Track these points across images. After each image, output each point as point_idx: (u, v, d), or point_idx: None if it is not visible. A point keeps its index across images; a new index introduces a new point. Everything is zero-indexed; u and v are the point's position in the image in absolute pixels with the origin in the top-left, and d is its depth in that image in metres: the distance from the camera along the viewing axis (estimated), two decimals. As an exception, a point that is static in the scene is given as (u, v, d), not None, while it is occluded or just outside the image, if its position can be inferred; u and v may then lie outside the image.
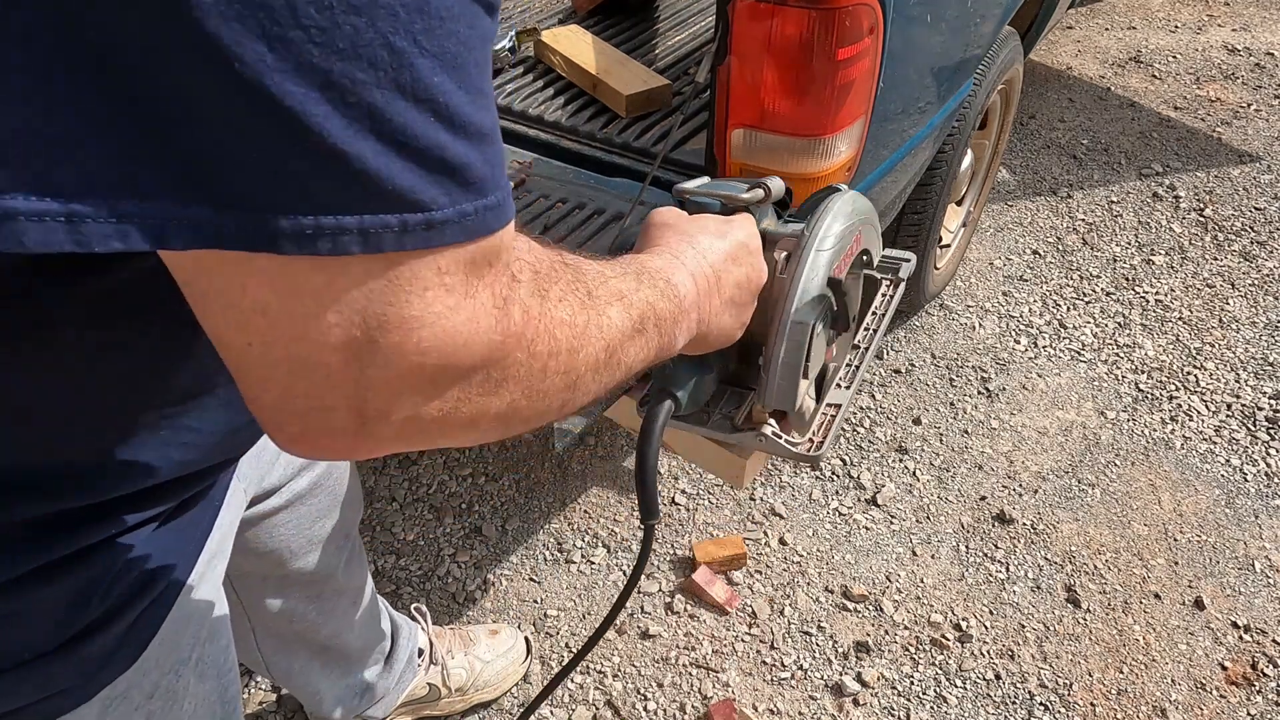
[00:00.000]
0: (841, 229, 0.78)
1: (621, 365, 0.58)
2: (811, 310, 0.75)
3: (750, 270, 0.73)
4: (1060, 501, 2.05)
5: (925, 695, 1.71)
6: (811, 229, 0.78)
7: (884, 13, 1.39)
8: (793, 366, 0.76)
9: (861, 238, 0.83)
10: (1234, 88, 3.53)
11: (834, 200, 0.81)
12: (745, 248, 0.73)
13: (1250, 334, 2.47)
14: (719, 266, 0.69)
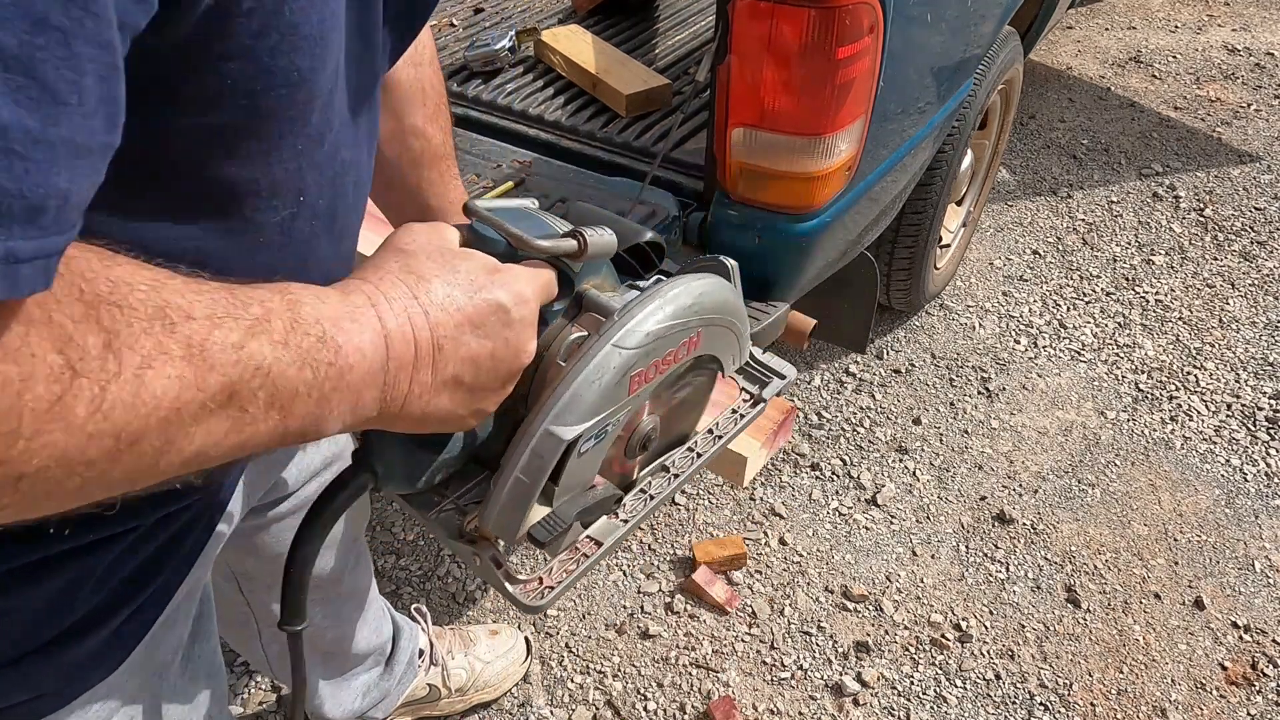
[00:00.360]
0: (662, 324, 0.60)
1: (175, 453, 0.41)
2: (578, 421, 0.58)
3: (501, 346, 0.55)
4: (1060, 501, 2.05)
5: (925, 695, 1.71)
6: (620, 314, 0.60)
7: (884, 12, 1.38)
8: (527, 488, 0.60)
9: (700, 340, 0.65)
10: (1234, 88, 3.53)
11: (680, 283, 0.63)
12: (502, 314, 0.55)
13: (1250, 334, 2.47)
14: (448, 331, 0.52)
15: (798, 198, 1.52)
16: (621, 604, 1.85)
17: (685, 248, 1.62)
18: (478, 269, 0.55)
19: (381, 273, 0.53)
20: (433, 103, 0.91)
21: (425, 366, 0.52)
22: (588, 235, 0.60)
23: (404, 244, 0.55)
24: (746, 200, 1.54)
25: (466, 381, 0.54)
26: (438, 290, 0.53)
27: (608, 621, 1.82)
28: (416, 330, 0.51)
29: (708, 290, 0.64)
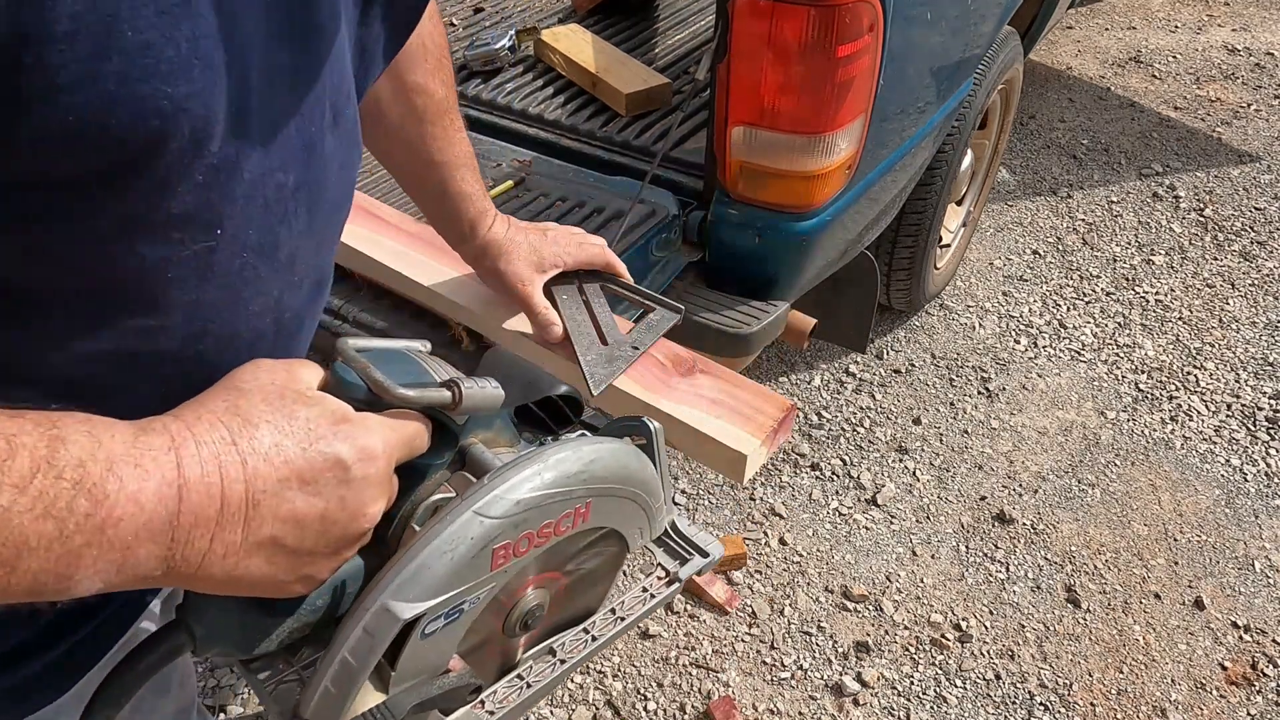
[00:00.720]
0: (537, 493, 0.53)
1: None
2: (422, 598, 0.50)
3: (335, 507, 0.48)
4: (1060, 501, 2.05)
5: (925, 695, 1.71)
6: (491, 477, 0.53)
7: (884, 11, 1.38)
8: (353, 671, 0.51)
9: (589, 512, 0.57)
10: (1234, 88, 3.53)
11: (568, 448, 0.56)
12: (340, 470, 0.48)
13: (1250, 334, 2.47)
14: (269, 486, 0.46)
15: (797, 197, 1.52)
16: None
17: (685, 246, 1.62)
18: (320, 417, 0.49)
19: (201, 411, 0.47)
20: (434, 58, 0.89)
21: (234, 524, 0.45)
22: (464, 387, 0.54)
23: (241, 381, 0.50)
24: (746, 199, 1.54)
25: (289, 544, 0.47)
26: (265, 437, 0.46)
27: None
28: (227, 482, 0.45)
29: (602, 458, 0.57)
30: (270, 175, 0.51)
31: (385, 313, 1.40)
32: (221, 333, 0.54)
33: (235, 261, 0.52)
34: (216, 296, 0.52)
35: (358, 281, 1.44)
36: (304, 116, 0.53)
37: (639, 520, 0.63)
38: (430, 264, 1.32)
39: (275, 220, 0.53)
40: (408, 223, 1.41)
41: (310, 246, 0.58)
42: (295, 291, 0.58)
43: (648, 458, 0.64)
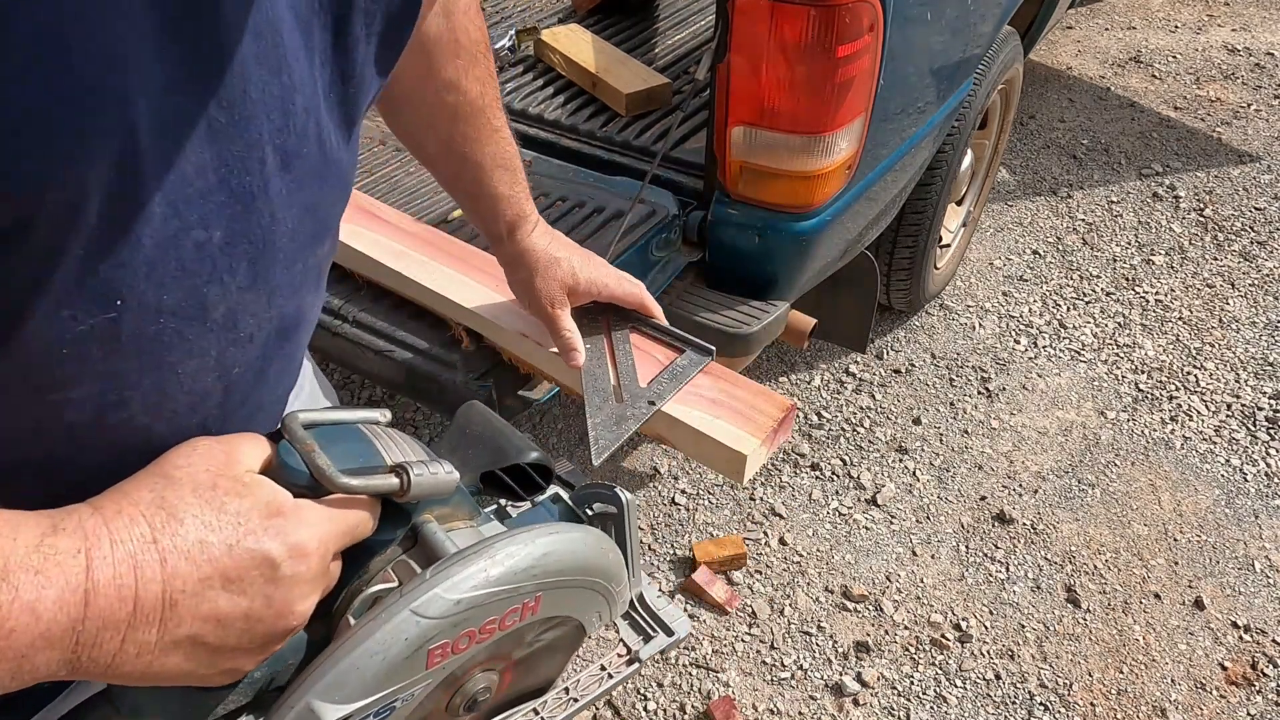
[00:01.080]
0: (481, 592, 0.50)
1: None
2: (349, 699, 0.48)
3: (260, 606, 0.46)
4: (1060, 501, 2.05)
5: (925, 695, 1.71)
6: (432, 572, 0.50)
7: (884, 11, 1.38)
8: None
9: (539, 605, 0.54)
10: (1234, 88, 3.53)
11: (519, 541, 0.52)
12: (268, 569, 0.46)
13: (1250, 334, 2.47)
14: (189, 586, 0.44)
15: (797, 196, 1.52)
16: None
17: (685, 246, 1.62)
18: (253, 509, 0.47)
19: (124, 504, 0.44)
20: (467, 54, 0.84)
21: (148, 625, 0.43)
22: (413, 474, 0.51)
23: (173, 467, 0.47)
24: (746, 199, 1.54)
25: (209, 642, 0.45)
26: (189, 534, 0.44)
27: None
28: (142, 584, 0.42)
29: (557, 550, 0.53)
30: (184, 235, 0.46)
31: (385, 313, 1.40)
32: (147, 400, 0.50)
33: (150, 329, 0.47)
34: (132, 365, 0.48)
35: (358, 281, 1.44)
36: (229, 167, 0.47)
37: (597, 606, 0.60)
38: (430, 264, 1.32)
39: (200, 281, 0.48)
40: (407, 222, 1.41)
41: (258, 300, 0.53)
42: (242, 347, 0.54)
43: (613, 535, 0.61)
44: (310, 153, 0.53)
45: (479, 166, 0.92)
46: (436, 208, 1.67)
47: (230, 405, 0.55)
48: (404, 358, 1.35)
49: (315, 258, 0.58)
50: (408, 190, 1.72)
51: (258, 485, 0.48)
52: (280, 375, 0.60)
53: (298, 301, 0.57)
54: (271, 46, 0.47)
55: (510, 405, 1.35)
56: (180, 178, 0.45)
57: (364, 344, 1.38)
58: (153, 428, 0.51)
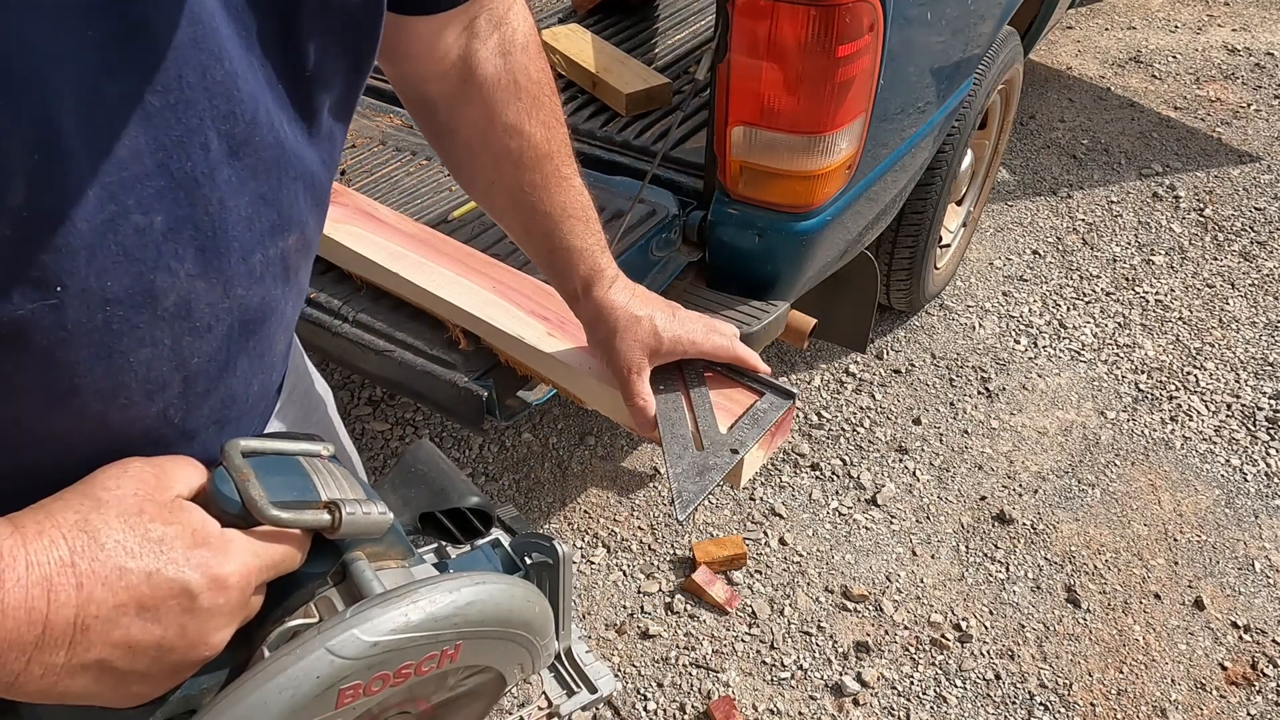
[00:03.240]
0: (398, 637, 0.49)
1: None
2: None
3: (174, 635, 0.46)
4: (1060, 501, 2.05)
5: (925, 695, 1.71)
6: (352, 612, 0.49)
7: (884, 11, 1.38)
8: None
9: (459, 653, 0.53)
10: (1234, 88, 3.53)
11: (443, 588, 0.51)
12: (185, 599, 0.46)
13: (1250, 334, 2.47)
14: (103, 611, 0.44)
15: (797, 196, 1.52)
16: (621, 604, 1.85)
17: (685, 246, 1.62)
18: (177, 537, 0.46)
19: (46, 524, 0.44)
20: (529, 96, 0.80)
21: (56, 648, 0.43)
22: (345, 512, 0.51)
23: (101, 488, 0.47)
24: (746, 199, 1.54)
25: (118, 668, 0.45)
26: (109, 559, 0.44)
27: (608, 621, 1.82)
28: (54, 607, 0.42)
29: (481, 600, 0.52)
30: (123, 219, 0.46)
31: (385, 313, 1.40)
32: (100, 387, 0.49)
33: (96, 316, 0.47)
34: (81, 355, 0.47)
35: (357, 282, 1.44)
36: (167, 152, 0.47)
37: (519, 658, 0.59)
38: (427, 265, 1.31)
39: (145, 267, 0.48)
40: (405, 223, 1.41)
41: (212, 289, 0.52)
42: (200, 337, 0.53)
43: (548, 586, 0.60)
44: (263, 142, 0.52)
45: (548, 217, 0.86)
46: (436, 208, 1.67)
47: (193, 396, 0.55)
48: (404, 358, 1.35)
49: (278, 249, 0.57)
50: (407, 190, 1.72)
51: (185, 512, 0.48)
52: (251, 368, 0.60)
53: (261, 293, 0.56)
54: (210, 30, 0.46)
55: (510, 405, 1.35)
56: (114, 161, 0.44)
57: (364, 344, 1.38)
58: (108, 415, 0.51)
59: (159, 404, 0.53)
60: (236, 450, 0.51)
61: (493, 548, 0.66)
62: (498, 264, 1.32)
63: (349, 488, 0.55)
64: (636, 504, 2.04)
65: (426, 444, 0.66)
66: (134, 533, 0.45)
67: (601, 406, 1.11)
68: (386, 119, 1.92)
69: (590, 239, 0.90)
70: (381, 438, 2.18)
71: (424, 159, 1.81)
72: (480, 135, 0.80)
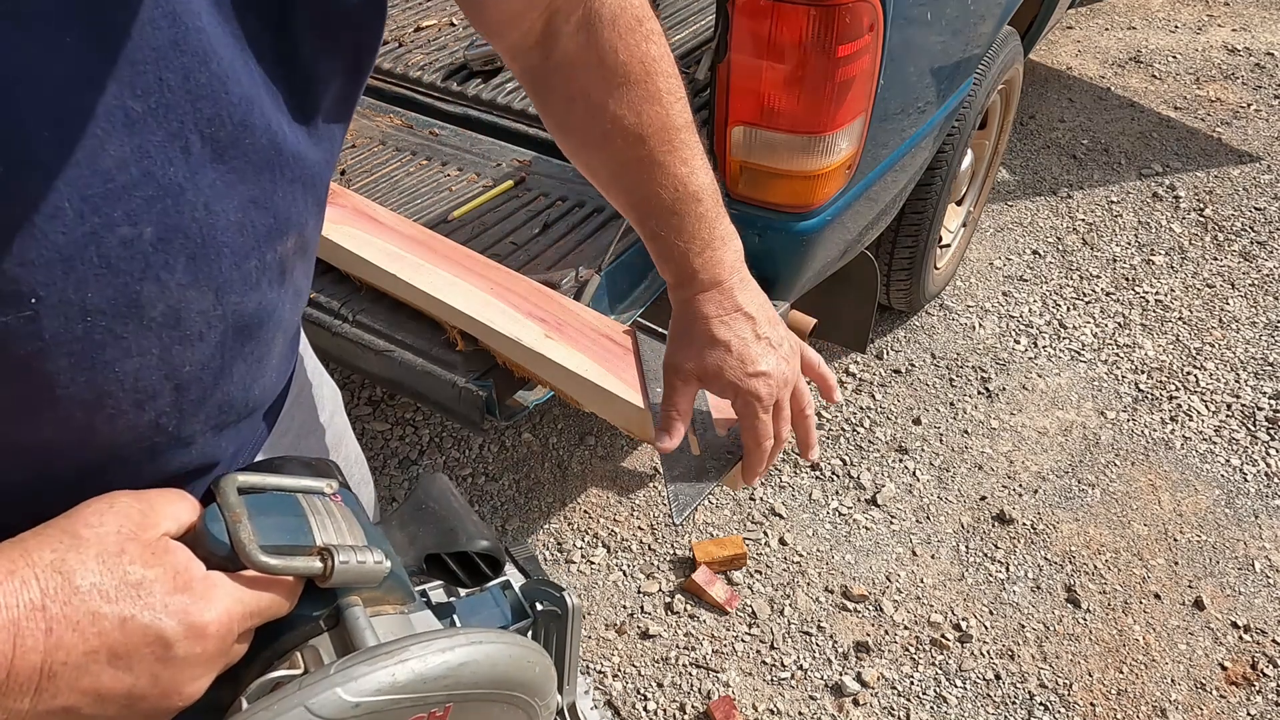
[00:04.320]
0: (382, 698, 0.46)
1: None
2: None
3: (147, 684, 0.44)
4: (1060, 501, 2.05)
5: (925, 695, 1.71)
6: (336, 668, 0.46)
7: (884, 10, 1.38)
8: None
9: (448, 715, 0.50)
10: (1234, 88, 3.53)
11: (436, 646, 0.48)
12: (160, 647, 0.44)
13: (1250, 334, 2.47)
14: (72, 658, 0.42)
15: (797, 196, 1.52)
16: (621, 604, 1.85)
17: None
18: (157, 580, 0.44)
19: (20, 564, 0.42)
20: (616, 76, 0.75)
21: (21, 694, 0.41)
22: (338, 560, 0.49)
23: (83, 525, 0.45)
24: (746, 198, 1.54)
25: (86, 714, 0.43)
26: (82, 604, 0.42)
27: (608, 621, 1.82)
28: (20, 652, 0.40)
29: (476, 661, 0.49)
30: (107, 232, 0.44)
31: (385, 313, 1.40)
32: (83, 398, 0.48)
33: (76, 327, 0.45)
34: (61, 365, 0.46)
35: (357, 282, 1.44)
36: (153, 159, 0.45)
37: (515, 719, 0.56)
38: (425, 267, 1.31)
39: (131, 279, 0.46)
40: (403, 224, 1.40)
41: (203, 297, 0.50)
42: (191, 346, 0.51)
43: (550, 638, 0.58)
44: (254, 144, 0.50)
45: (643, 204, 0.82)
46: (436, 208, 1.67)
47: (186, 404, 0.53)
48: (404, 358, 1.35)
49: (275, 254, 0.55)
50: (407, 190, 1.72)
51: (168, 553, 0.46)
52: (249, 373, 0.58)
53: (257, 298, 0.55)
54: (193, 32, 0.45)
55: (510, 405, 1.35)
56: (95, 172, 0.43)
57: (364, 344, 1.38)
58: (94, 424, 0.49)
59: (150, 413, 0.51)
60: (232, 487, 0.49)
61: (503, 590, 0.64)
62: (496, 265, 1.32)
63: (348, 531, 0.53)
64: (636, 504, 2.04)
65: (440, 478, 0.64)
66: (112, 575, 0.43)
67: (597, 409, 1.11)
68: (386, 119, 1.92)
69: (684, 237, 0.82)
70: (381, 438, 2.18)
71: (424, 159, 1.81)
72: (564, 114, 0.77)
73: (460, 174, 1.76)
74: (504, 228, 1.62)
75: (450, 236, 1.41)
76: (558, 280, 1.41)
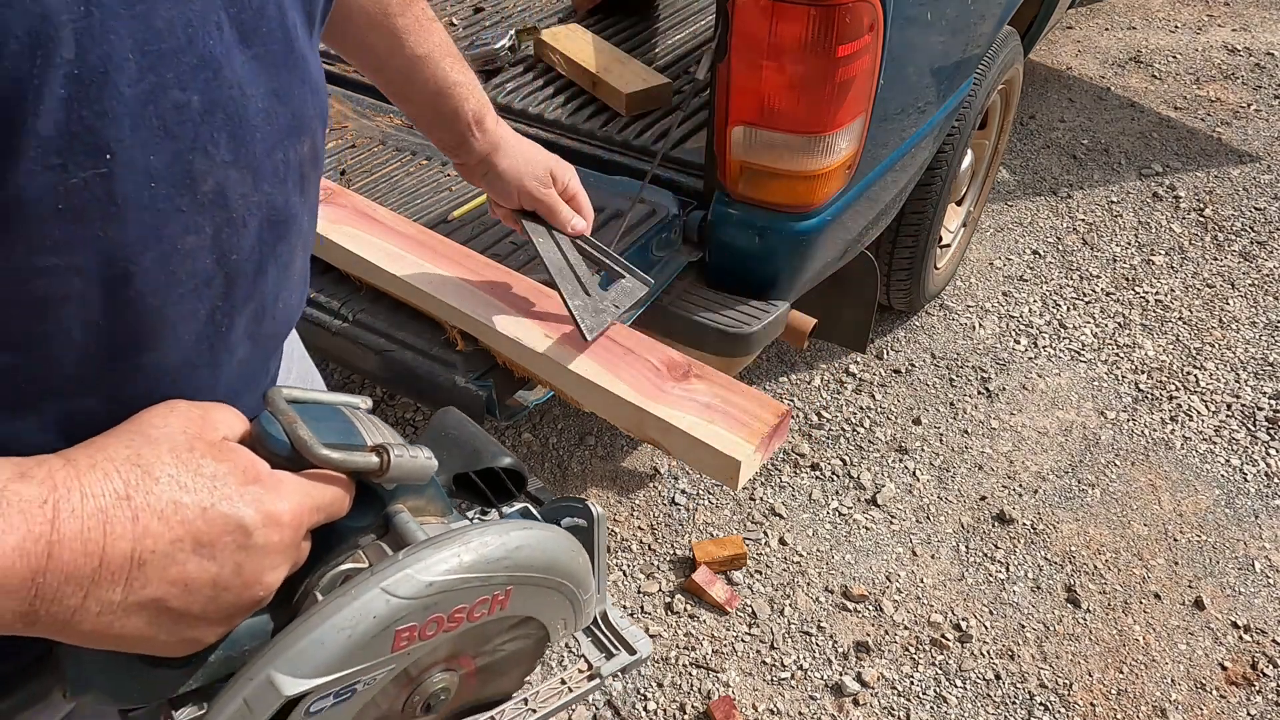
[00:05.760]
0: (452, 576, 0.49)
1: None
2: (312, 674, 0.47)
3: (230, 573, 0.46)
4: (1060, 501, 2.05)
5: (925, 695, 1.71)
6: (405, 554, 0.49)
7: (884, 10, 1.38)
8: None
9: (509, 600, 0.54)
10: (1234, 88, 3.53)
11: (493, 531, 0.52)
12: (241, 535, 0.45)
13: (1250, 334, 2.47)
14: (160, 546, 0.43)
15: (798, 196, 1.52)
16: (621, 604, 1.85)
17: (685, 246, 1.62)
18: (229, 474, 0.46)
19: (98, 459, 0.43)
20: None
21: (113, 583, 0.42)
22: (393, 454, 0.51)
23: (150, 425, 0.47)
24: (746, 199, 1.54)
25: (173, 607, 0.44)
26: (163, 493, 0.43)
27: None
28: (111, 539, 0.41)
29: (529, 544, 0.53)
30: (163, 93, 0.46)
31: (385, 313, 1.40)
32: (152, 275, 0.49)
33: (143, 193, 0.46)
34: (131, 234, 0.47)
35: (356, 282, 1.44)
36: (194, 28, 0.47)
37: (564, 612, 0.60)
38: (425, 266, 1.31)
39: (184, 147, 0.48)
40: (403, 224, 1.40)
41: (244, 180, 0.52)
42: (238, 231, 0.53)
43: (583, 543, 0.61)
44: (271, 33, 0.52)
45: (428, 59, 0.89)
46: (436, 208, 1.67)
47: (234, 298, 0.55)
48: (404, 357, 1.35)
49: (296, 155, 0.57)
50: (407, 190, 1.72)
51: (234, 451, 0.48)
52: (279, 279, 0.60)
53: (284, 195, 0.57)
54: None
55: (510, 406, 1.35)
56: (150, 30, 0.44)
57: (364, 344, 1.38)
58: (162, 311, 0.50)
59: (206, 303, 0.53)
60: (280, 396, 0.51)
61: (522, 516, 0.66)
62: (496, 265, 1.32)
63: (390, 435, 0.55)
64: (636, 504, 2.04)
65: (453, 410, 0.66)
66: (186, 468, 0.45)
67: (597, 409, 1.11)
68: (386, 119, 1.92)
69: (469, 74, 0.93)
70: (381, 438, 2.18)
71: (424, 159, 1.80)
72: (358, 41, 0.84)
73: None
74: (504, 228, 1.62)
75: (450, 236, 1.41)
76: (558, 280, 1.41)
